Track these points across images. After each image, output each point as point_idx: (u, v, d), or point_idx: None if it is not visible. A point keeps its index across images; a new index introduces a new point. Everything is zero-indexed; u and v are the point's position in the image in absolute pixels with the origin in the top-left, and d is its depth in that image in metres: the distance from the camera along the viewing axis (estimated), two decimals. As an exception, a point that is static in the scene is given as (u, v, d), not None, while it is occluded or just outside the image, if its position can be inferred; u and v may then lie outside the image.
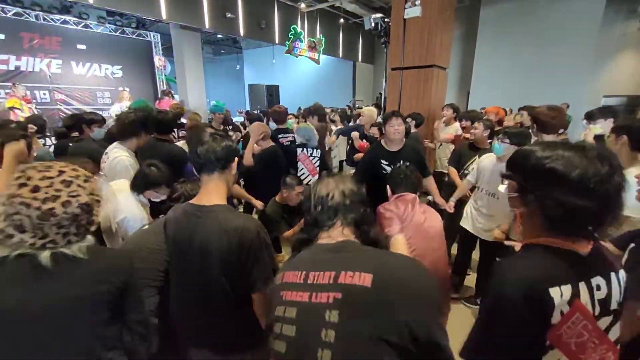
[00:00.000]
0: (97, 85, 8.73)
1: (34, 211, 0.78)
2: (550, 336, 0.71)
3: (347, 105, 10.60)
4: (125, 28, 9.00)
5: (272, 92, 11.17)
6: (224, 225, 1.15)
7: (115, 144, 2.25)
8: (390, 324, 0.68)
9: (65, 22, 7.88)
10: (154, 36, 9.72)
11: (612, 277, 0.77)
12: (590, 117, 2.95)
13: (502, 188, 0.92)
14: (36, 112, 5.66)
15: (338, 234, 0.90)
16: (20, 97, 5.63)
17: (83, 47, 8.31)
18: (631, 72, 8.64)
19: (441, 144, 4.18)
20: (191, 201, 1.27)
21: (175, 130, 4.01)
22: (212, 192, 1.23)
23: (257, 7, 8.57)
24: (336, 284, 0.74)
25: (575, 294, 0.72)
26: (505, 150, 2.30)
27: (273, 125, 3.82)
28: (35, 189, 0.79)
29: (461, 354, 0.80)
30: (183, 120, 4.66)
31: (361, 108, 6.73)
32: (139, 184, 1.78)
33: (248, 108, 11.96)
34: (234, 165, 1.31)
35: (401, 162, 2.44)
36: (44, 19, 7.54)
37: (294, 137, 3.45)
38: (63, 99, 8.10)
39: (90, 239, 0.94)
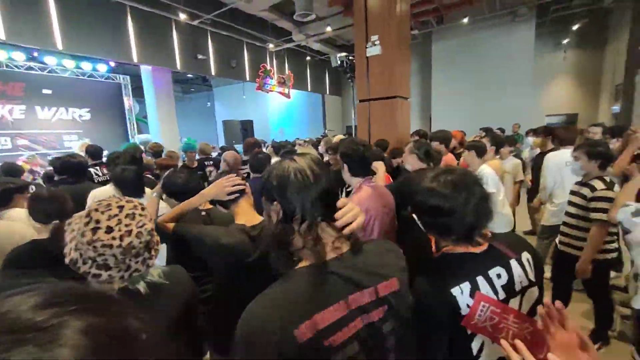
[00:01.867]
0: (65, 129, 8.51)
1: (116, 249, 0.82)
2: (469, 326, 0.85)
3: (322, 135, 11.02)
4: (94, 72, 9.00)
5: (247, 127, 11.43)
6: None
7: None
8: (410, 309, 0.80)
9: (29, 68, 7.77)
10: (123, 78, 9.77)
11: (512, 264, 0.93)
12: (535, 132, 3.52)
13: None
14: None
15: (329, 236, 0.76)
16: None
17: (49, 91, 8.18)
18: (566, 94, 9.88)
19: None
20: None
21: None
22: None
23: (227, 48, 8.98)
24: (380, 298, 0.74)
25: (475, 287, 0.87)
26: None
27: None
28: (109, 230, 0.83)
29: None
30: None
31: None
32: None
33: (222, 144, 12.04)
34: None
35: None
36: (7, 66, 7.41)
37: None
38: (26, 144, 7.79)
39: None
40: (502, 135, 3.94)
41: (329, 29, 8.51)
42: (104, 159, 3.49)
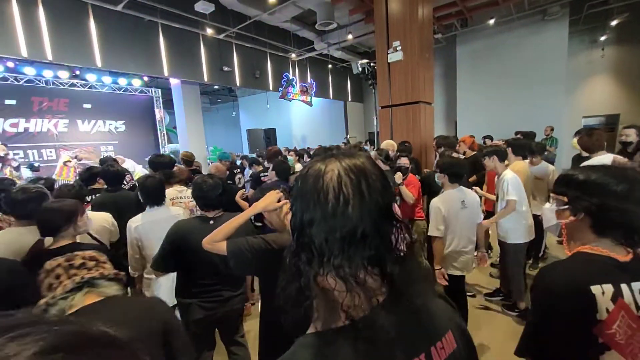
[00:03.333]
0: (102, 140, 9.11)
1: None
2: (602, 335, 0.77)
3: (343, 142, 11.03)
4: (129, 86, 9.61)
5: (270, 135, 11.67)
6: None
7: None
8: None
9: (72, 85, 8.43)
10: (155, 91, 10.34)
11: None
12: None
13: (547, 205, 1.04)
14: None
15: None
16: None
17: (89, 106, 8.81)
18: (605, 94, 9.24)
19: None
20: None
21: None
22: None
23: (251, 59, 9.27)
24: None
25: (618, 293, 0.79)
26: (438, 178, 2.45)
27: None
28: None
29: (517, 351, 0.88)
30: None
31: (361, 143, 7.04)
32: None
33: (246, 152, 12.36)
34: None
35: None
36: (54, 84, 8.07)
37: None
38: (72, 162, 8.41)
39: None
40: (526, 141, 3.75)
41: (350, 36, 8.56)
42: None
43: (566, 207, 0.93)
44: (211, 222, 1.81)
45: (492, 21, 8.41)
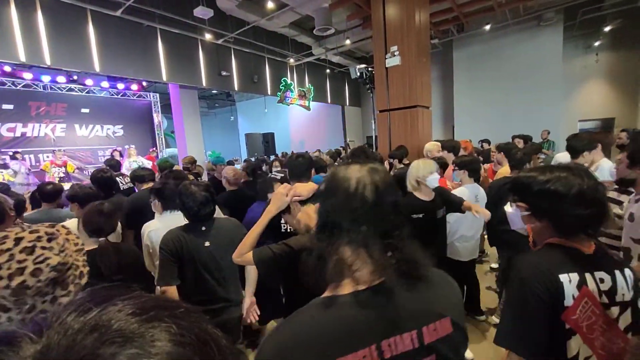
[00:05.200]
0: (99, 145, 9.09)
1: (4, 291, 0.69)
2: (569, 320, 0.84)
3: (341, 146, 11.06)
4: (127, 91, 9.62)
5: (268, 139, 11.68)
6: None
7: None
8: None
9: (70, 89, 8.42)
10: (153, 96, 10.35)
11: (616, 273, 0.91)
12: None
13: (509, 209, 1.07)
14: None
15: (364, 264, 0.62)
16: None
17: (87, 110, 8.80)
18: (601, 98, 9.35)
19: None
20: None
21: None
22: None
23: (249, 63, 9.31)
24: (424, 346, 0.60)
25: (582, 281, 0.86)
26: (457, 175, 2.81)
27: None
28: None
29: (495, 340, 0.91)
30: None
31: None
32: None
33: (245, 156, 12.36)
34: None
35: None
36: (51, 88, 8.06)
37: None
38: (65, 160, 8.36)
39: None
40: (513, 146, 3.72)
41: (348, 42, 8.63)
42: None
43: (528, 212, 0.98)
44: (203, 228, 1.74)
45: (488, 27, 8.52)
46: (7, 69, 7.11)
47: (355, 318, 0.58)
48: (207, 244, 1.72)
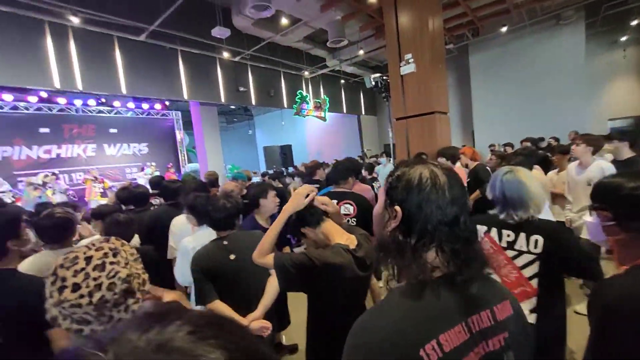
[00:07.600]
0: (126, 163, 9.52)
1: (87, 307, 0.77)
2: None
3: (359, 156, 11.03)
4: (151, 110, 10.10)
5: (286, 151, 11.85)
6: None
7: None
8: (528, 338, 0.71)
9: (99, 111, 8.93)
10: (175, 114, 10.79)
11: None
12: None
13: (590, 218, 0.98)
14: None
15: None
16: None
17: (114, 130, 9.28)
18: (630, 95, 8.87)
19: None
20: None
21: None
22: None
23: (266, 78, 9.55)
24: (497, 322, 0.65)
25: None
26: None
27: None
28: (76, 287, 0.77)
29: None
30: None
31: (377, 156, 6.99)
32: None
33: (263, 169, 12.56)
34: None
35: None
36: (82, 111, 8.59)
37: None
38: (102, 178, 8.83)
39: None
40: (533, 149, 3.57)
41: (361, 52, 8.70)
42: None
43: (612, 223, 0.86)
44: (225, 242, 1.76)
45: (504, 29, 8.36)
46: (44, 95, 7.66)
47: (446, 300, 0.63)
48: (232, 257, 1.74)
